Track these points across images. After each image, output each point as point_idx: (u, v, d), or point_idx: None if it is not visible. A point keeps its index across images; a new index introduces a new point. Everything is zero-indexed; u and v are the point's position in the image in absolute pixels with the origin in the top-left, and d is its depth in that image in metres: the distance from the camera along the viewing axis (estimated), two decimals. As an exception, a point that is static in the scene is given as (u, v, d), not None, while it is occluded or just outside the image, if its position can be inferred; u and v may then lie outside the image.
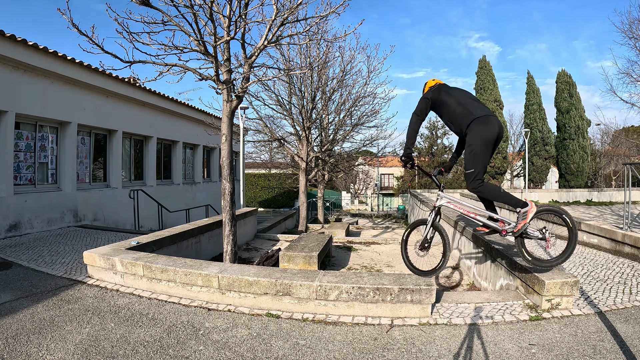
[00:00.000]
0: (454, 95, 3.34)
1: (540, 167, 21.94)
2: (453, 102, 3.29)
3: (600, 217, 11.17)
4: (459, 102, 3.28)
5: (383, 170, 34.40)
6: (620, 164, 23.48)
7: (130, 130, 10.25)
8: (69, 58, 7.56)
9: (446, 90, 3.39)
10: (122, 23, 4.12)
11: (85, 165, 8.90)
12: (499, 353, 2.56)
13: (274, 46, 5.93)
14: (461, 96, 3.32)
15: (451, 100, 3.30)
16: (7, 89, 6.53)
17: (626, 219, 5.90)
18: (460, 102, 3.27)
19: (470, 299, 3.57)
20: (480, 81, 21.90)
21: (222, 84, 4.84)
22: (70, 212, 8.04)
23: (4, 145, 6.57)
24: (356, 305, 3.18)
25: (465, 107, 3.22)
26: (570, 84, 21.41)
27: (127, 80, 9.32)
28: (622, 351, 2.56)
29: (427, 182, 25.32)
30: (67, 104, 7.88)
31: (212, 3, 4.20)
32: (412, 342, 2.73)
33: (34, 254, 5.29)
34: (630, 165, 6.25)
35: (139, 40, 4.31)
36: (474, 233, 5.11)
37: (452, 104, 3.29)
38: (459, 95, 3.32)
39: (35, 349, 2.55)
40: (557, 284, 3.19)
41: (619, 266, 4.91)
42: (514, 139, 27.76)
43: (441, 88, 3.44)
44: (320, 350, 2.62)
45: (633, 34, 9.46)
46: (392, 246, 8.14)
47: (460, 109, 3.23)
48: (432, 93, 3.42)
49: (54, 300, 3.50)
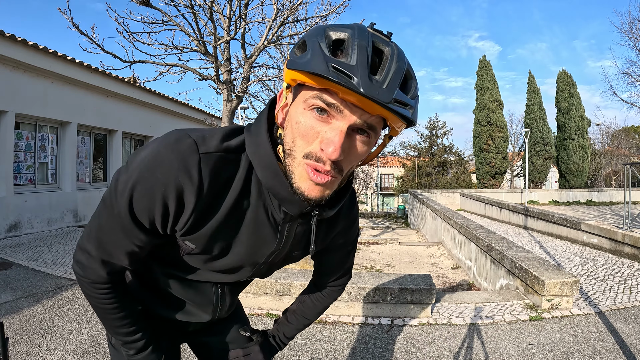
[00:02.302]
0: None
1: (540, 167, 21.95)
2: None
3: (600, 217, 11.18)
4: None
5: (383, 170, 34.43)
6: (620, 164, 23.49)
7: (130, 130, 10.25)
8: (69, 58, 7.56)
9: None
10: (122, 23, 4.12)
11: (85, 165, 8.90)
12: (499, 353, 2.56)
13: (274, 46, 5.93)
14: None
15: None
16: (7, 89, 6.53)
17: (626, 219, 5.90)
18: None
19: (470, 299, 3.57)
20: (481, 81, 21.91)
21: (222, 84, 4.84)
22: (70, 212, 8.04)
23: (4, 145, 6.57)
24: (356, 305, 3.18)
25: None
26: (571, 84, 21.42)
27: (127, 80, 9.31)
28: (622, 351, 2.56)
29: (427, 182, 25.34)
30: (67, 104, 7.88)
31: (212, 3, 4.20)
32: (412, 342, 2.73)
33: (34, 254, 5.29)
34: (630, 165, 6.25)
35: (139, 40, 4.32)
36: (473, 232, 5.11)
37: None
38: None
39: (35, 349, 2.55)
40: (557, 284, 3.19)
41: (619, 266, 4.91)
42: (514, 139, 27.76)
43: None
44: (320, 350, 2.62)
45: (633, 34, 9.47)
46: (392, 246, 8.14)
47: None
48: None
49: (54, 300, 3.50)
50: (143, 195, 0.59)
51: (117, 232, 0.64)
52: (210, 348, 1.04)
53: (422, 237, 10.23)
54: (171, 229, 0.64)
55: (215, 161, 0.60)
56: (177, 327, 0.94)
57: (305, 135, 0.55)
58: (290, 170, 0.58)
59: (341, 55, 0.52)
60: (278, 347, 1.04)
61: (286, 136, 0.59)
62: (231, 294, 0.90)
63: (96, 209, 0.67)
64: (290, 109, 0.58)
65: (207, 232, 0.65)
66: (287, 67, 0.54)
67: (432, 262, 6.46)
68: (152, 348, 0.84)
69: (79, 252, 0.70)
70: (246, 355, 0.98)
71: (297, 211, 0.65)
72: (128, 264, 0.69)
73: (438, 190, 18.38)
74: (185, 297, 0.84)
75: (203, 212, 0.63)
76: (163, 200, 0.59)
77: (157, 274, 0.80)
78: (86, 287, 0.71)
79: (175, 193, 0.59)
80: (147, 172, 0.58)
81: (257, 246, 0.71)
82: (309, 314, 1.03)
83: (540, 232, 8.33)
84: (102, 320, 0.78)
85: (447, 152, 26.31)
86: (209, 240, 0.66)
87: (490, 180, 21.39)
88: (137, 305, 0.83)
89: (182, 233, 0.65)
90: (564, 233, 7.29)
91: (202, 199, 0.61)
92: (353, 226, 0.89)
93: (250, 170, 0.65)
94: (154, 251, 0.74)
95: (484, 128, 21.27)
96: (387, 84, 0.51)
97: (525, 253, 4.00)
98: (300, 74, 0.52)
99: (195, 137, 0.60)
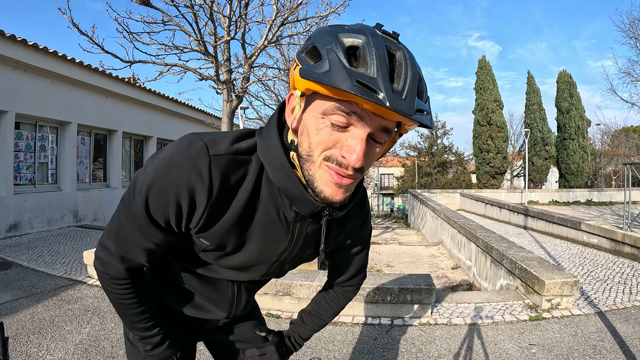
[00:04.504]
0: None
1: (540, 167, 21.94)
2: None
3: (601, 217, 11.18)
4: None
5: (383, 170, 34.42)
6: (620, 164, 23.50)
7: (130, 130, 10.25)
8: (69, 58, 7.56)
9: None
10: (122, 23, 4.13)
11: (85, 165, 8.90)
12: (499, 353, 2.56)
13: (274, 46, 5.93)
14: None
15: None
16: (7, 89, 6.53)
17: (626, 219, 5.91)
18: None
19: (470, 299, 3.57)
20: (480, 81, 21.90)
21: (222, 84, 4.84)
22: (70, 212, 8.04)
23: (4, 145, 6.57)
24: (356, 305, 3.18)
25: None
26: (571, 84, 21.42)
27: (127, 80, 9.31)
28: (622, 351, 2.56)
29: (427, 182, 25.33)
30: (67, 104, 7.88)
31: (212, 3, 4.20)
32: (412, 342, 2.73)
33: (34, 254, 5.29)
34: (630, 165, 6.25)
35: (139, 40, 4.32)
36: (473, 232, 5.11)
37: None
38: None
39: (35, 349, 2.55)
40: (557, 284, 3.19)
41: (619, 266, 4.91)
42: (514, 139, 27.74)
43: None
44: (321, 350, 2.62)
45: (634, 33, 9.47)
46: (392, 246, 8.14)
47: None
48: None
49: (54, 300, 3.50)
50: (158, 196, 0.63)
51: (134, 230, 0.68)
52: (226, 347, 1.05)
53: (422, 237, 10.23)
54: (185, 227, 0.68)
55: (226, 163, 0.63)
56: (193, 325, 0.96)
57: (323, 142, 0.57)
58: (311, 175, 0.60)
59: (358, 64, 0.52)
60: (293, 348, 1.05)
61: (302, 142, 0.60)
62: (247, 292, 0.92)
63: (116, 208, 0.70)
64: (305, 116, 0.59)
65: (219, 230, 0.68)
66: (301, 76, 0.53)
67: (432, 262, 6.46)
68: (169, 343, 0.86)
69: (99, 249, 0.74)
70: (262, 355, 0.99)
71: (307, 211, 0.67)
72: (146, 260, 0.72)
73: (438, 190, 18.37)
74: (201, 293, 0.86)
75: (215, 210, 0.65)
76: (176, 200, 0.63)
77: (175, 269, 0.83)
78: (106, 282, 0.75)
79: (187, 193, 0.62)
80: (161, 173, 0.62)
81: (269, 244, 0.74)
82: (325, 315, 1.04)
83: (540, 232, 8.33)
84: (121, 315, 0.81)
85: (447, 152, 26.29)
86: (222, 237, 0.69)
87: (490, 180, 21.38)
88: (154, 302, 0.85)
89: (196, 230, 0.68)
90: (564, 233, 7.29)
91: (213, 199, 0.63)
92: (364, 225, 0.89)
93: (261, 172, 0.67)
94: (172, 247, 0.77)
95: (483, 128, 21.27)
96: (406, 94, 0.52)
97: (525, 253, 4.00)
98: (318, 85, 0.52)
99: (206, 140, 0.63)
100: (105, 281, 0.74)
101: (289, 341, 1.04)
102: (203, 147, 0.62)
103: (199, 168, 0.61)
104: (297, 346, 1.06)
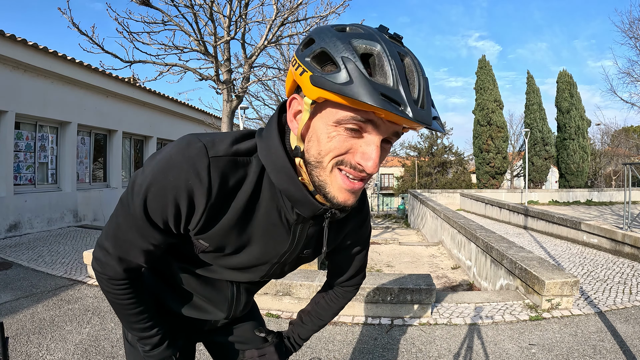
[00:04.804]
0: None
1: (540, 167, 21.94)
2: None
3: (601, 217, 11.18)
4: None
5: (383, 170, 34.43)
6: (620, 164, 23.50)
7: (130, 130, 10.25)
8: (69, 58, 7.56)
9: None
10: (122, 23, 4.13)
11: (85, 165, 8.90)
12: (499, 353, 2.56)
13: (274, 46, 5.93)
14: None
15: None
16: (7, 89, 6.53)
17: (626, 219, 5.91)
18: None
19: (470, 299, 3.57)
20: (480, 81, 21.90)
21: (222, 84, 4.84)
22: (70, 212, 8.04)
23: (4, 145, 6.57)
24: (356, 305, 3.18)
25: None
26: (571, 84, 21.42)
27: (127, 80, 9.31)
28: (622, 351, 2.56)
29: (427, 182, 25.33)
30: (67, 104, 7.88)
31: (212, 3, 4.20)
32: (412, 342, 2.73)
33: (34, 254, 5.29)
34: (630, 165, 6.26)
35: (139, 40, 4.32)
36: (473, 232, 5.11)
37: None
38: None
39: (35, 349, 2.55)
40: (557, 284, 3.19)
41: (619, 266, 4.91)
42: (514, 139, 27.73)
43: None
44: (321, 350, 2.62)
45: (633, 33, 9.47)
46: (392, 246, 8.14)
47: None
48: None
49: (54, 300, 3.50)
50: (156, 197, 0.62)
51: (133, 231, 0.67)
52: (226, 348, 1.05)
53: (422, 237, 10.23)
54: (184, 228, 0.67)
55: (225, 164, 0.63)
56: (192, 326, 0.96)
57: (336, 149, 0.56)
58: (322, 181, 0.60)
59: (375, 73, 0.52)
60: (293, 349, 1.05)
61: (310, 148, 0.59)
62: (247, 293, 0.92)
63: (115, 209, 0.70)
64: (313, 123, 0.58)
65: (218, 231, 0.68)
66: (315, 85, 0.51)
67: (432, 262, 6.47)
68: (168, 344, 0.86)
69: (97, 250, 0.73)
70: (261, 356, 0.99)
71: (310, 213, 0.66)
72: (144, 261, 0.71)
73: (438, 190, 18.37)
74: (201, 294, 0.86)
75: (214, 212, 0.65)
76: (175, 201, 0.62)
77: (174, 269, 0.83)
78: (104, 283, 0.74)
79: (186, 195, 0.61)
80: (160, 174, 0.61)
81: (270, 246, 0.74)
82: (324, 315, 1.04)
83: (540, 232, 8.33)
84: (119, 316, 0.80)
85: (447, 152, 26.29)
86: (221, 238, 0.69)
87: (490, 180, 21.38)
88: (153, 302, 0.85)
89: (195, 232, 0.68)
90: (564, 233, 7.29)
91: (212, 200, 0.63)
92: (363, 225, 0.89)
93: (261, 173, 0.67)
94: (171, 248, 0.76)
95: (483, 128, 21.26)
96: (423, 102, 0.53)
97: (525, 253, 4.00)
98: (336, 96, 0.50)
99: (205, 141, 0.62)
100: (104, 282, 0.74)
101: (288, 342, 1.04)
102: (202, 149, 0.61)
103: (197, 169, 0.60)
104: (297, 346, 1.06)
